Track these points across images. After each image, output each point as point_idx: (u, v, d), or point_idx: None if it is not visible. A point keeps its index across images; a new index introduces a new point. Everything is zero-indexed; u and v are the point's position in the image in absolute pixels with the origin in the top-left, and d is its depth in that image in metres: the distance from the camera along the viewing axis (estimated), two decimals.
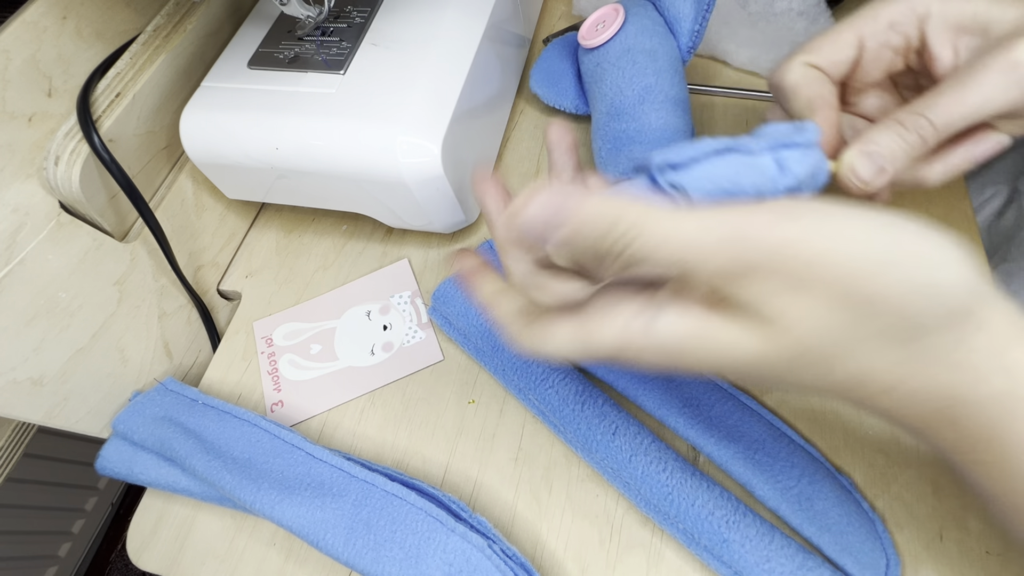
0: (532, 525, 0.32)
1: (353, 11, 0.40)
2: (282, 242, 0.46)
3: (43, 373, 0.33)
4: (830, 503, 0.29)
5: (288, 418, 0.38)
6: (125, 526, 0.68)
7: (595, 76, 0.41)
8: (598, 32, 0.41)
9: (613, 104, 0.39)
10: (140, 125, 0.37)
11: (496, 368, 0.36)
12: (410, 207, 0.38)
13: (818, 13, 0.47)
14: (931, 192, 0.40)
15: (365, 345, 0.40)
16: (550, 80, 0.45)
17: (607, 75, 0.40)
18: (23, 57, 0.31)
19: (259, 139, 0.36)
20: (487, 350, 0.36)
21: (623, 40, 0.39)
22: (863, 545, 0.28)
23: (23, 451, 0.66)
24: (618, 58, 0.39)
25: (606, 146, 0.39)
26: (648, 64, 0.38)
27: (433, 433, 0.36)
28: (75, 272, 0.34)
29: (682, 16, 0.40)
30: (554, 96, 0.45)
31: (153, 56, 0.37)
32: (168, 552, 0.35)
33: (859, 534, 0.28)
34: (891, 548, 0.29)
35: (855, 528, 0.29)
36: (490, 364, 0.36)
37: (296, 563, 0.33)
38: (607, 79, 0.39)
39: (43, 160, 0.33)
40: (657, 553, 0.31)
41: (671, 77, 0.39)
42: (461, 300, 0.37)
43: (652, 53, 0.39)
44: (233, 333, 0.42)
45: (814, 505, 0.29)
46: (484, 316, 0.36)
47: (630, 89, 0.38)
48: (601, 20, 0.41)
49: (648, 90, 0.38)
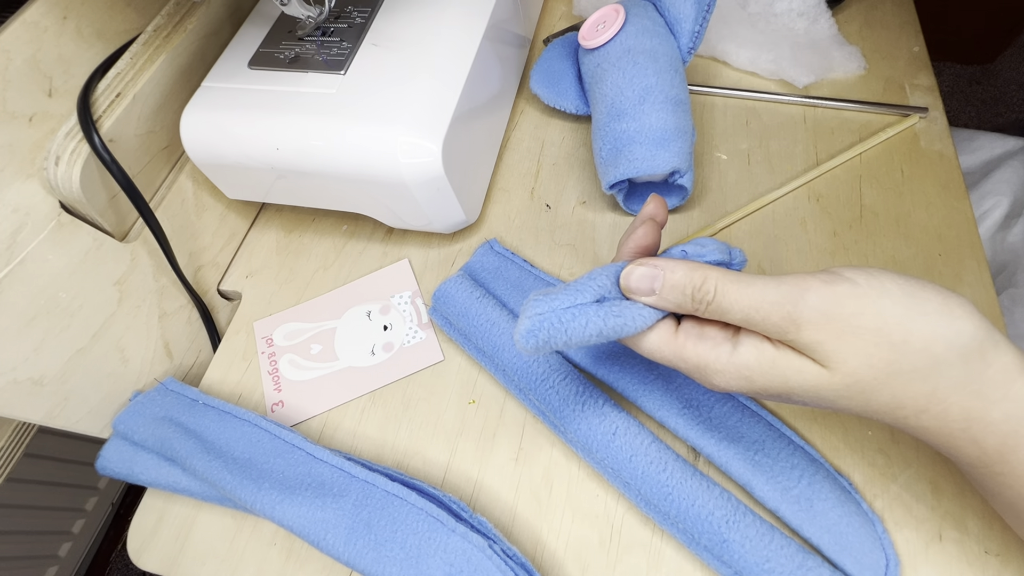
0: (532, 525, 0.32)
1: (353, 11, 0.40)
2: (282, 242, 0.46)
3: (43, 373, 0.33)
4: (830, 504, 0.29)
5: (288, 418, 0.38)
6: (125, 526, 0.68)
7: (596, 76, 0.41)
8: (598, 32, 0.41)
9: (614, 104, 0.39)
10: (140, 125, 0.37)
11: (496, 368, 0.36)
12: (410, 207, 0.38)
13: (818, 13, 0.47)
14: (930, 193, 0.40)
15: (365, 345, 0.40)
16: (550, 80, 0.45)
17: (608, 75, 0.40)
18: (23, 57, 0.31)
19: (259, 139, 0.36)
20: (487, 350, 0.36)
21: (624, 40, 0.40)
22: (863, 545, 0.28)
23: (23, 451, 0.66)
24: (619, 58, 0.39)
25: (607, 146, 0.39)
26: (649, 64, 0.38)
27: (433, 433, 0.36)
28: (75, 272, 0.34)
29: (683, 17, 0.40)
30: (554, 96, 0.45)
31: (153, 56, 0.37)
32: (168, 552, 0.35)
33: (859, 534, 0.28)
34: (891, 548, 0.29)
35: (855, 528, 0.29)
36: (490, 364, 0.36)
37: (296, 563, 0.33)
38: (608, 79, 0.40)
39: (43, 160, 0.33)
40: (657, 553, 0.31)
41: (672, 77, 0.39)
42: (462, 300, 0.37)
43: (653, 53, 0.39)
44: (233, 333, 0.42)
45: (814, 506, 0.29)
46: (484, 318, 0.36)
47: (631, 89, 0.38)
48: (602, 20, 0.41)
49: (649, 90, 0.38)
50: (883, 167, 0.42)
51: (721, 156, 0.44)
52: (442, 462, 0.35)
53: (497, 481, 0.34)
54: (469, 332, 0.36)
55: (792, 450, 0.31)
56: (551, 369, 0.34)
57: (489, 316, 0.36)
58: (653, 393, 0.33)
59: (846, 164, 0.42)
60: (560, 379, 0.33)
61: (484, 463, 0.35)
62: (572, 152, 0.46)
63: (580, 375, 0.34)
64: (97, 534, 0.89)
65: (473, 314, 0.36)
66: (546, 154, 0.46)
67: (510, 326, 0.35)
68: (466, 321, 0.36)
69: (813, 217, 0.40)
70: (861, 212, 0.40)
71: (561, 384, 0.33)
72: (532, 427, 0.35)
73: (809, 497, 0.29)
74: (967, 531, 0.29)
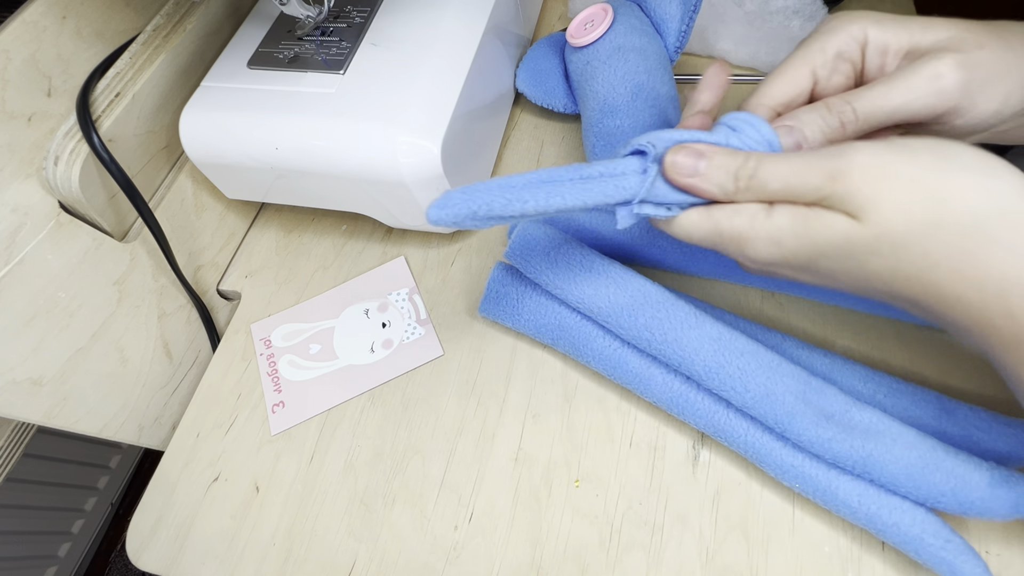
0: (532, 525, 0.32)
1: (353, 11, 0.40)
2: (282, 242, 0.46)
3: (43, 373, 0.33)
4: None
5: (289, 418, 0.38)
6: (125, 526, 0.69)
7: (585, 74, 0.41)
8: (587, 31, 0.41)
9: (606, 102, 0.39)
10: (140, 125, 0.37)
11: (595, 307, 0.33)
12: (410, 207, 0.38)
13: (814, 11, 0.47)
14: None
15: (364, 343, 0.40)
16: (537, 79, 0.45)
17: (598, 73, 0.40)
18: (23, 57, 0.31)
19: (259, 139, 0.36)
20: (579, 293, 0.33)
21: (613, 39, 0.40)
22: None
23: (23, 451, 0.66)
24: (609, 56, 0.39)
25: (599, 142, 0.39)
26: (640, 62, 0.39)
27: (433, 433, 0.36)
28: (75, 272, 0.34)
29: (668, 17, 0.41)
30: (542, 95, 0.45)
31: (153, 56, 0.37)
32: (168, 552, 0.35)
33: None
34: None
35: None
36: (584, 303, 0.33)
37: (296, 563, 0.33)
38: (599, 77, 0.40)
39: (43, 160, 0.33)
40: (657, 553, 0.31)
41: (661, 75, 0.39)
42: (547, 241, 0.35)
43: (643, 51, 0.39)
44: (233, 333, 0.42)
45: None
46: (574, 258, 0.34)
47: (623, 86, 0.38)
48: (589, 19, 0.41)
49: (640, 87, 0.38)
50: None
51: None
52: (442, 462, 0.35)
53: (497, 481, 0.34)
54: (556, 279, 0.34)
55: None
56: (646, 297, 0.32)
57: (580, 254, 0.34)
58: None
59: None
60: (663, 301, 0.32)
61: (484, 463, 0.34)
62: (572, 152, 0.46)
63: (679, 298, 0.32)
64: (96, 534, 0.89)
65: (563, 254, 0.34)
66: (546, 154, 0.46)
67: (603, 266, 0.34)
68: (552, 267, 0.34)
69: None
70: None
71: (666, 307, 0.32)
72: (532, 427, 0.35)
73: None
74: (967, 530, 0.29)
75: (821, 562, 0.29)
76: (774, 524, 0.30)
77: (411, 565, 0.32)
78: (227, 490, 0.36)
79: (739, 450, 0.31)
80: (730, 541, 0.30)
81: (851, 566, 0.29)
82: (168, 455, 0.38)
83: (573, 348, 0.34)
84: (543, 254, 0.34)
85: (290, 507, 0.35)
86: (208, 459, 0.37)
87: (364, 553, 0.33)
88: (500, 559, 0.32)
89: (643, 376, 0.32)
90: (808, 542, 0.30)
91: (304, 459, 0.36)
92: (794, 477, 0.29)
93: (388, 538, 0.33)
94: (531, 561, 0.31)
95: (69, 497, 0.83)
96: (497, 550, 0.32)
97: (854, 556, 0.29)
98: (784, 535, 0.30)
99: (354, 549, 0.33)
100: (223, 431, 0.38)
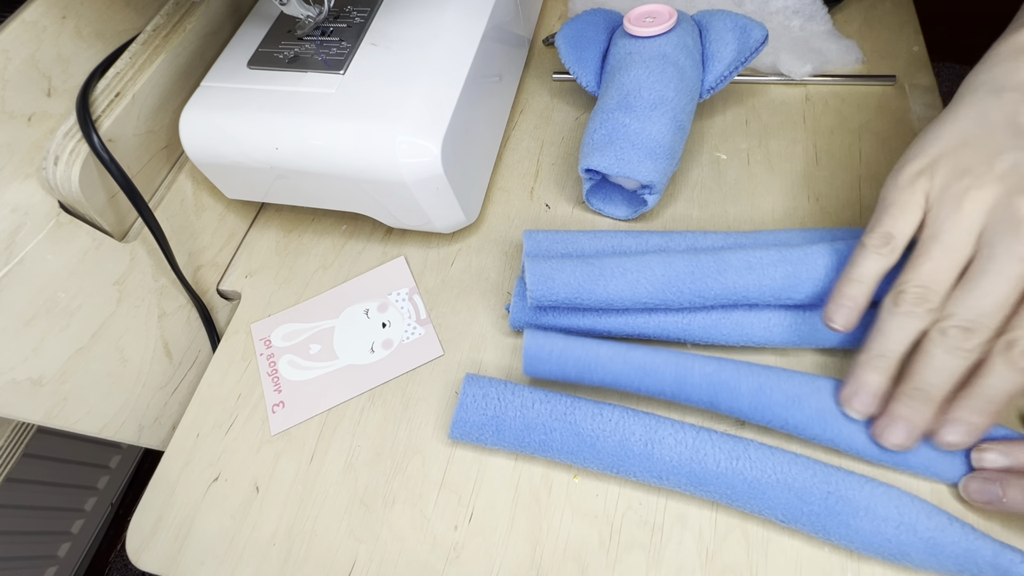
0: (532, 525, 0.32)
1: (353, 11, 0.40)
2: (282, 242, 0.46)
3: (42, 373, 0.33)
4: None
5: (289, 419, 0.38)
6: (125, 526, 0.68)
7: (622, 63, 0.40)
8: (646, 24, 0.40)
9: (627, 97, 0.38)
10: (140, 125, 0.37)
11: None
12: (410, 207, 0.38)
13: (814, 11, 0.47)
14: None
15: (364, 343, 0.40)
16: (578, 44, 0.44)
17: (633, 68, 0.39)
18: (22, 57, 0.31)
19: (259, 139, 0.36)
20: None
21: (664, 44, 0.39)
22: None
23: (23, 451, 0.66)
24: (651, 58, 0.39)
25: (602, 130, 0.38)
26: (674, 79, 0.38)
27: (433, 433, 0.36)
28: (74, 272, 0.34)
29: (719, 57, 0.40)
30: (574, 61, 0.43)
31: (153, 56, 0.37)
32: (168, 552, 0.35)
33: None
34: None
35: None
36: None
37: (296, 563, 0.33)
38: (632, 71, 0.39)
39: (42, 160, 0.33)
40: (657, 553, 0.31)
41: (686, 103, 0.39)
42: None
43: (681, 72, 0.39)
44: (233, 333, 0.42)
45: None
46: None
47: (649, 92, 0.38)
48: (652, 15, 0.41)
49: (663, 101, 0.37)
50: (883, 167, 0.42)
51: (721, 156, 0.44)
52: (442, 461, 0.35)
53: (497, 481, 0.34)
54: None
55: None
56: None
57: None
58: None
59: (846, 164, 0.42)
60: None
61: (484, 463, 0.34)
62: (572, 152, 0.46)
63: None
64: (96, 534, 0.89)
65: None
66: (546, 154, 0.46)
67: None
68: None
69: (812, 217, 0.40)
70: (861, 212, 0.40)
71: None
72: None
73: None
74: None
75: (821, 562, 0.29)
76: (774, 524, 0.30)
77: (411, 565, 0.32)
78: (227, 490, 0.36)
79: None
80: (730, 541, 0.30)
81: (851, 566, 0.29)
82: (168, 455, 0.38)
83: (561, 453, 0.33)
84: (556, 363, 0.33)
85: (290, 507, 0.35)
86: (208, 459, 0.37)
87: (364, 553, 0.33)
88: (500, 559, 0.32)
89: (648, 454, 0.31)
90: (808, 542, 0.30)
91: (304, 459, 0.36)
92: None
93: (388, 538, 0.33)
94: (531, 561, 0.31)
95: (69, 497, 0.83)
96: (497, 550, 0.32)
97: (854, 556, 0.29)
98: (784, 535, 0.30)
99: (354, 549, 0.33)
100: (223, 431, 0.38)
